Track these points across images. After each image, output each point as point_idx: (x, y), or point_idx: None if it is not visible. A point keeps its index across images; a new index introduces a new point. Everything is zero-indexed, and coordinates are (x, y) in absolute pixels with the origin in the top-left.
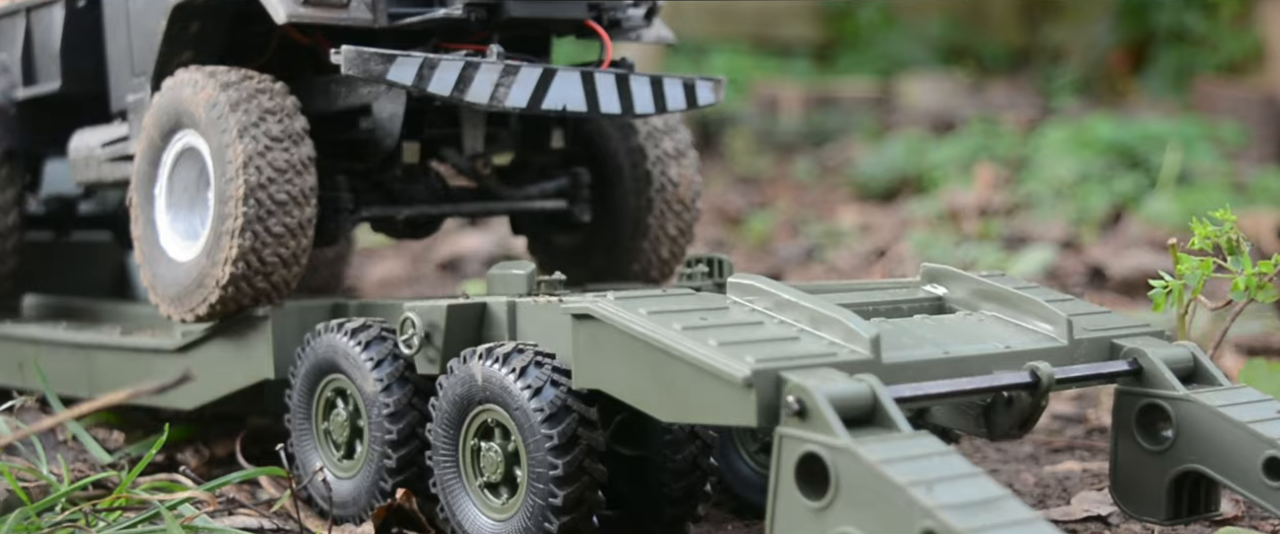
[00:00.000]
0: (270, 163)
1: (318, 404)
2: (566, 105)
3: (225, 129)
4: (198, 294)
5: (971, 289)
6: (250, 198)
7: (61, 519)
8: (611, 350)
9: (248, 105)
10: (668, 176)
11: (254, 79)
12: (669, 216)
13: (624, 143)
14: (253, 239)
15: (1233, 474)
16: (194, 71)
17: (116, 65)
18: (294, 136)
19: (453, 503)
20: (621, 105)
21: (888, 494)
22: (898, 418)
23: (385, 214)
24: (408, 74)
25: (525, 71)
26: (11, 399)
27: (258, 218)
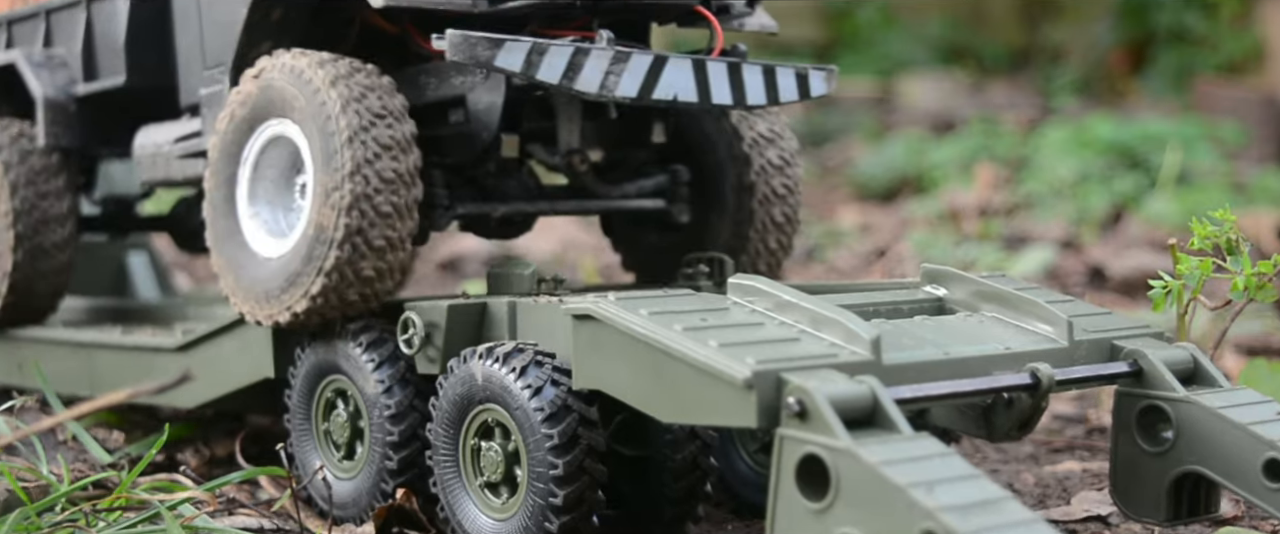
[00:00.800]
0: (378, 172)
1: (318, 405)
2: (677, 95)
3: (332, 129)
4: (285, 298)
5: (971, 290)
6: (354, 208)
7: (61, 519)
8: (612, 351)
9: (359, 105)
10: (771, 186)
11: (363, 71)
12: (769, 230)
13: (724, 142)
14: (352, 251)
15: (1233, 476)
16: (289, 57)
17: (186, 57)
18: (403, 144)
19: (453, 503)
20: (733, 96)
21: (888, 495)
22: (898, 419)
23: (480, 212)
24: (516, 60)
25: (636, 59)
26: (11, 399)
27: (360, 229)
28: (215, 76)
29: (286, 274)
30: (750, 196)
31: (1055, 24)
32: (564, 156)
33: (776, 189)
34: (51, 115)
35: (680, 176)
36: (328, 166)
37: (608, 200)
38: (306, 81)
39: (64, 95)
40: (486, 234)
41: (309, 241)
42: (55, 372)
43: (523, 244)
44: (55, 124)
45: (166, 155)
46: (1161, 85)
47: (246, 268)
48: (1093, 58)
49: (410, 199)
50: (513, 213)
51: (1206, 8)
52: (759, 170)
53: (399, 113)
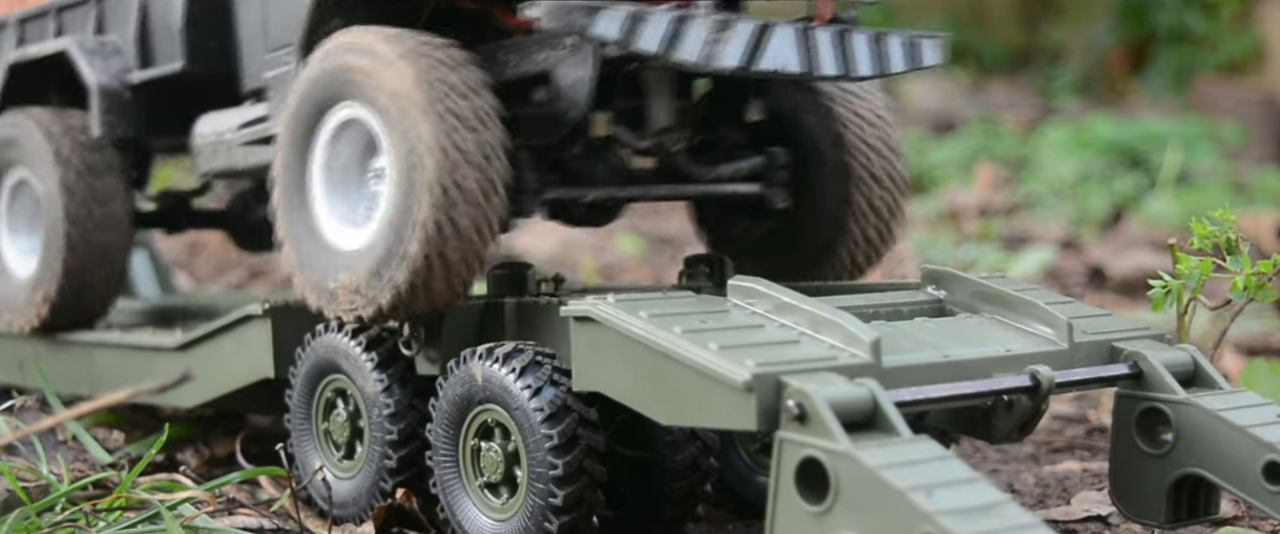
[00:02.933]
0: (460, 148)
1: (318, 404)
2: (782, 66)
3: (407, 106)
4: (368, 291)
5: (972, 291)
6: (438, 187)
7: (61, 519)
8: (612, 353)
9: (434, 78)
10: (871, 171)
11: (435, 43)
12: (869, 218)
13: (821, 118)
14: (438, 234)
15: (1232, 478)
16: (356, 34)
17: (249, 40)
18: (484, 118)
19: (453, 503)
20: (840, 66)
21: (887, 499)
22: (898, 422)
23: (569, 196)
24: (614, 28)
25: (740, 25)
26: (11, 399)
27: (445, 210)
28: (281, 58)
29: (368, 266)
30: (847, 181)
31: (1055, 24)
32: (655, 136)
33: (877, 174)
34: (106, 104)
35: (777, 159)
36: (405, 147)
37: (702, 184)
38: (377, 57)
39: (118, 83)
40: (572, 221)
41: (391, 229)
42: (55, 371)
43: (523, 244)
44: (110, 113)
45: (229, 143)
46: (1161, 85)
47: (322, 261)
48: (1093, 58)
49: (496, 176)
50: (604, 198)
51: (1206, 8)
52: (857, 153)
53: (478, 86)
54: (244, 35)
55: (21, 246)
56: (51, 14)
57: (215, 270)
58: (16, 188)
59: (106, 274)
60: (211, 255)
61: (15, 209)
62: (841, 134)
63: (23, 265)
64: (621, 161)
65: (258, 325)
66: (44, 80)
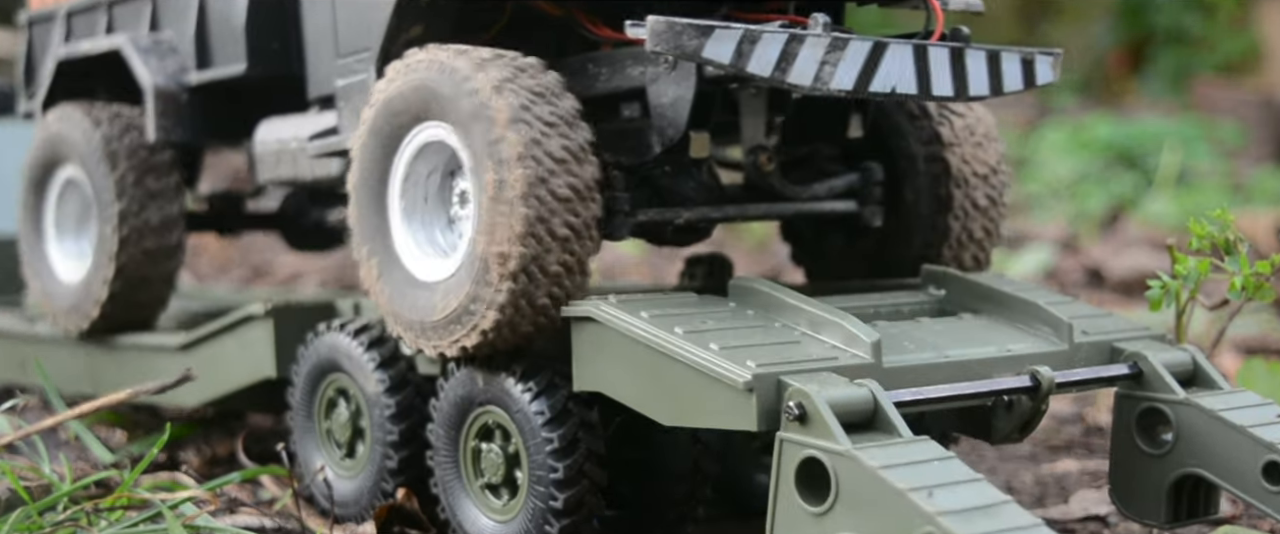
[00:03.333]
0: (553, 191)
1: (320, 404)
2: (896, 87)
3: (498, 146)
4: (452, 331)
5: (972, 291)
6: (528, 235)
7: (63, 518)
8: (612, 354)
9: (527, 115)
10: (971, 197)
11: (529, 71)
12: (974, 217)
13: (916, 131)
14: (527, 281)
15: (1232, 478)
16: (444, 54)
17: (316, 44)
18: (579, 154)
19: (453, 503)
20: (954, 87)
21: (888, 499)
22: (898, 423)
23: (662, 218)
24: (726, 50)
25: (854, 45)
26: (13, 398)
27: (535, 257)
28: (353, 65)
29: (452, 307)
30: (946, 207)
31: (1054, 24)
32: (749, 154)
33: (977, 200)
34: (162, 107)
35: (873, 175)
36: (495, 187)
37: (797, 202)
38: (465, 83)
39: (175, 84)
40: (662, 241)
41: (477, 272)
42: (57, 370)
43: None
44: (165, 117)
45: (294, 153)
46: (1160, 85)
47: (404, 292)
48: (1092, 58)
49: (590, 217)
50: (697, 219)
51: (1205, 8)
52: (958, 176)
53: (572, 117)
54: (311, 38)
55: (69, 248)
56: (102, 8)
57: (216, 271)
58: (65, 187)
59: (160, 276)
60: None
61: (63, 209)
62: (943, 155)
63: (72, 267)
64: (712, 179)
65: (259, 325)
66: (93, 77)
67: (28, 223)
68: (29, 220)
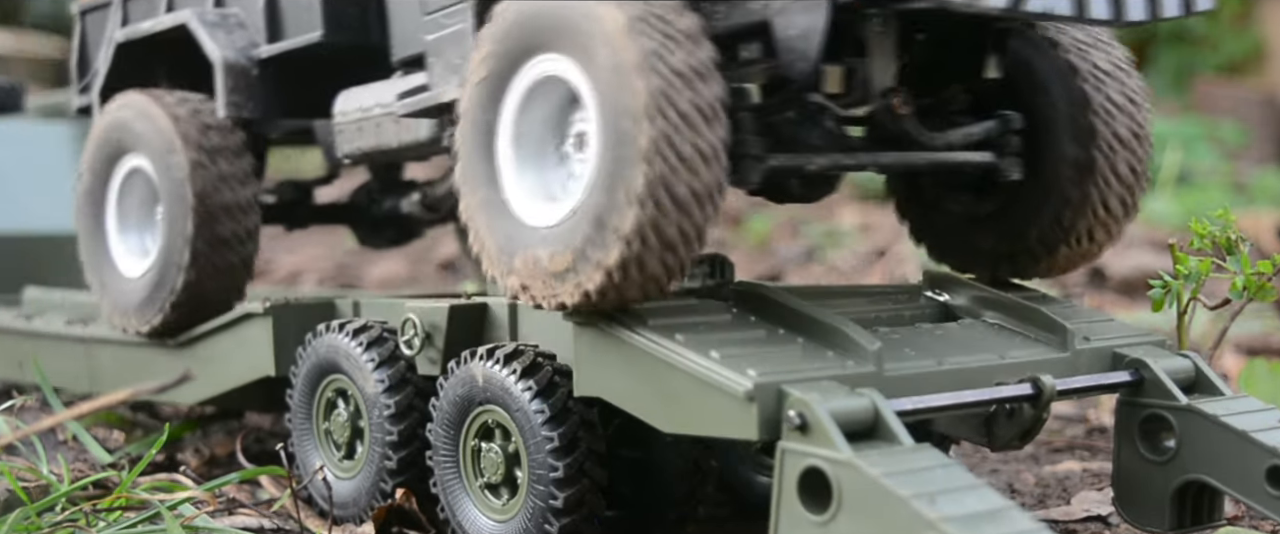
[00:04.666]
0: (677, 107)
1: (319, 404)
2: (1051, 8)
3: (618, 59)
4: (575, 274)
5: (973, 296)
6: (655, 154)
7: (62, 519)
8: (614, 360)
9: (646, 25)
10: (1114, 130)
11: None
12: (1112, 186)
13: (1060, 74)
14: (655, 208)
15: (1236, 483)
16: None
17: (400, 3)
18: (704, 71)
19: (453, 503)
20: (1111, 10)
21: (890, 507)
22: (899, 431)
23: (794, 164)
24: None
25: None
26: (12, 398)
27: (663, 179)
28: (442, 20)
29: (572, 244)
30: (1087, 172)
31: None
32: (879, 98)
33: (1121, 134)
34: (232, 82)
35: (1011, 123)
36: (616, 105)
37: (933, 152)
38: (593, 20)
39: (245, 58)
40: (785, 197)
41: (600, 202)
42: (55, 368)
43: None
44: (236, 92)
45: (377, 119)
46: (1162, 85)
47: (517, 241)
48: None
49: (717, 139)
50: (829, 166)
51: None
52: (1100, 111)
53: (694, 34)
54: (395, 1)
55: (132, 243)
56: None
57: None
58: (128, 178)
59: (235, 269)
60: None
61: (126, 201)
62: (1086, 93)
63: (136, 263)
64: (837, 127)
65: (258, 323)
66: (154, 60)
67: (87, 218)
68: (88, 215)
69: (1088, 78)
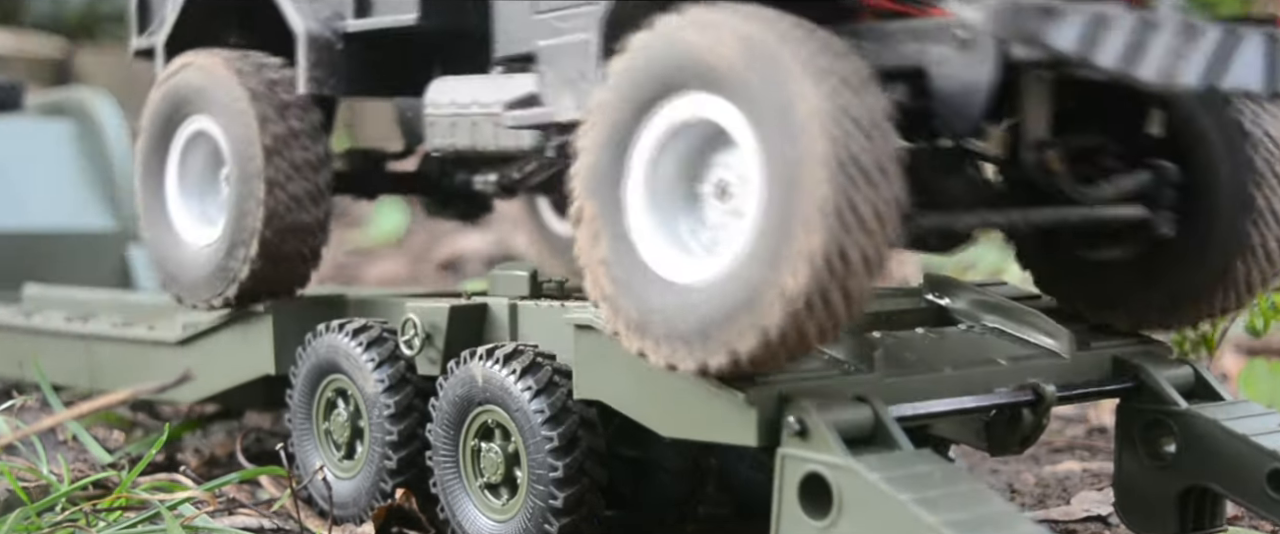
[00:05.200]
0: (859, 162)
1: (318, 404)
2: (1246, 84)
3: (792, 104)
4: (724, 335)
5: (973, 299)
6: (837, 215)
7: (61, 519)
8: (613, 363)
9: (826, 71)
10: (1275, 171)
11: (809, 26)
12: (1273, 226)
13: (1222, 138)
14: (827, 273)
15: (1237, 488)
16: (705, 10)
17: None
18: (882, 125)
19: (453, 503)
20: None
21: (891, 512)
22: (899, 436)
23: (943, 224)
24: (1072, 36)
25: (1208, 35)
26: (12, 398)
27: (840, 247)
28: (556, 23)
29: (722, 306)
30: (1247, 212)
31: None
32: (1033, 151)
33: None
34: (315, 56)
35: (1168, 176)
36: (784, 154)
37: (1087, 207)
38: (745, 39)
39: (330, 31)
40: (921, 248)
41: (759, 259)
42: (55, 365)
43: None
44: (318, 67)
45: (475, 118)
46: None
47: (647, 297)
48: None
49: (893, 196)
50: (977, 224)
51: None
52: (1264, 182)
53: (869, 80)
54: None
55: (195, 210)
56: None
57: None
58: (192, 141)
59: (308, 240)
60: None
61: (188, 166)
62: (1246, 152)
63: (201, 232)
64: (981, 176)
65: (259, 322)
66: (224, 19)
67: (146, 181)
68: (147, 178)
69: (1257, 145)
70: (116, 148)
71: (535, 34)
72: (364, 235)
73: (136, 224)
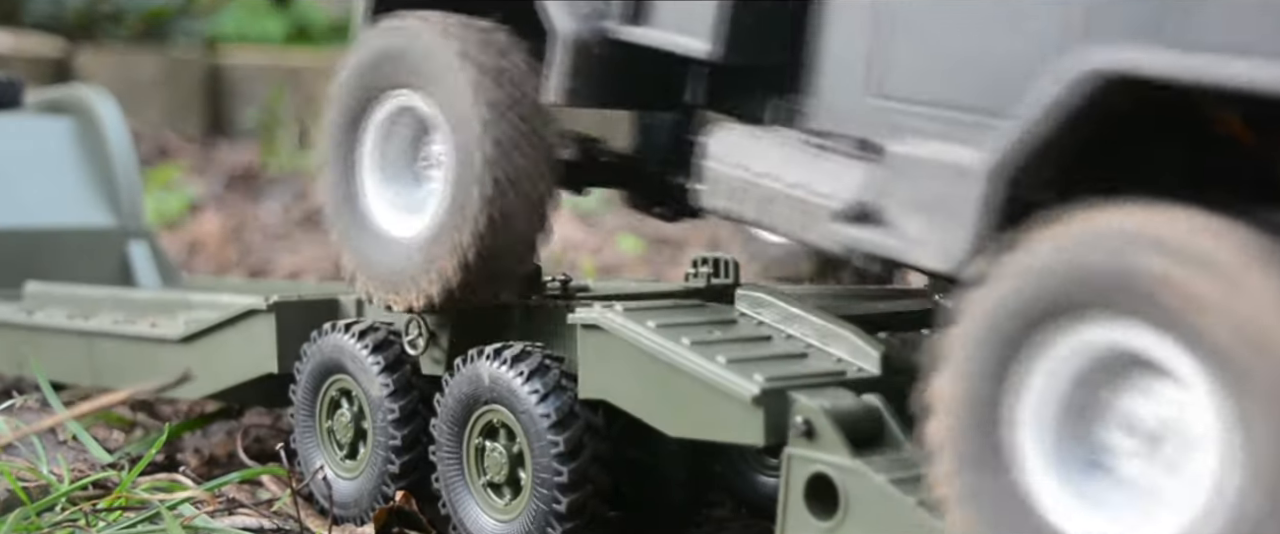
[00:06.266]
0: None
1: (321, 403)
2: None
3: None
4: None
5: None
6: None
7: (61, 519)
8: (619, 363)
9: None
10: None
11: None
12: None
13: None
14: None
15: None
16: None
17: (837, 56)
18: None
19: (455, 501)
20: None
21: (897, 513)
22: (905, 437)
23: None
24: None
25: None
26: (11, 398)
27: None
28: (916, 122)
29: None
30: None
31: None
32: None
33: None
34: (572, 62)
35: None
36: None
37: None
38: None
39: (593, 35)
40: None
41: None
42: (56, 362)
43: None
44: (575, 75)
45: (772, 196)
46: None
47: None
48: None
49: None
50: None
51: None
52: None
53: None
54: (832, 44)
55: (395, 199)
56: None
57: (215, 270)
58: (394, 118)
59: (530, 234)
60: (211, 255)
61: (389, 147)
62: None
63: (404, 223)
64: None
65: (262, 320)
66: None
67: (337, 161)
68: (338, 158)
69: None
70: (117, 145)
71: (877, 124)
72: None
73: (136, 221)
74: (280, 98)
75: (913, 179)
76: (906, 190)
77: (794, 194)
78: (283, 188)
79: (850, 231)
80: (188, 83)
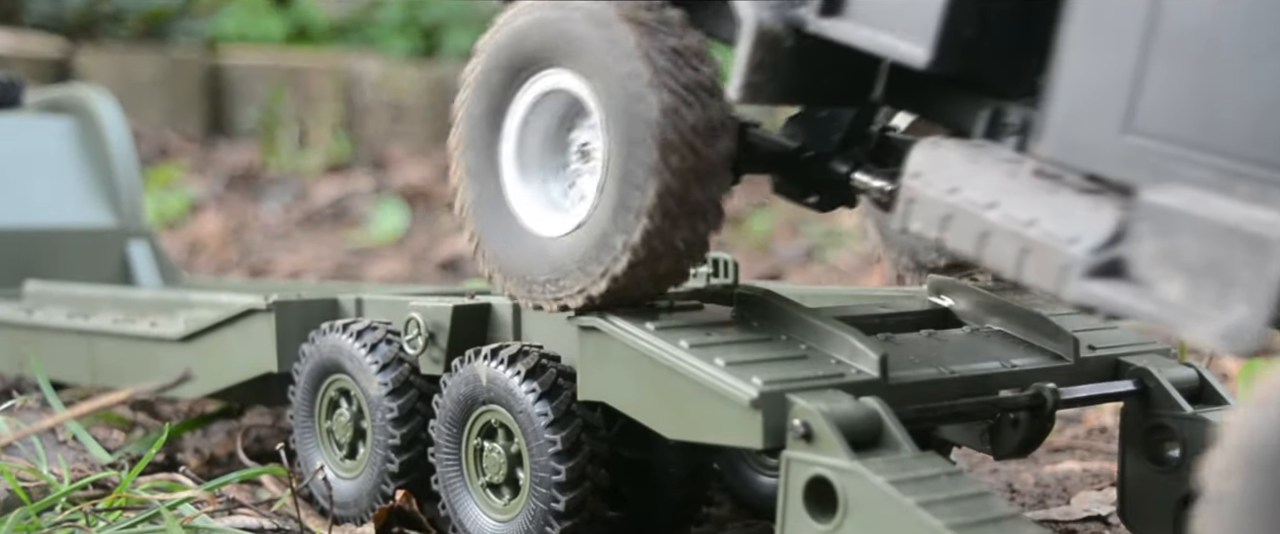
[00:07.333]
0: None
1: (321, 403)
2: None
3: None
4: None
5: (977, 302)
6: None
7: (61, 519)
8: (618, 364)
9: None
10: None
11: None
12: None
13: None
14: None
15: None
16: None
17: (1078, 82)
18: None
19: (454, 501)
20: None
21: (896, 515)
22: (904, 439)
23: None
24: None
25: None
26: (11, 398)
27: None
28: (1175, 164)
29: None
30: None
31: None
32: None
33: None
34: (760, 57)
35: None
36: None
37: None
38: None
39: (783, 25)
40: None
41: None
42: (56, 361)
43: None
44: (760, 71)
45: (989, 231)
46: None
47: None
48: None
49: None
50: None
51: None
52: None
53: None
54: (1071, 67)
55: (538, 191)
56: None
57: (216, 270)
58: (541, 101)
59: (701, 232)
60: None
61: (531, 134)
62: None
63: (550, 219)
64: None
65: (261, 319)
66: None
67: (475, 149)
68: (478, 145)
69: None
70: (117, 145)
71: (1124, 161)
72: (364, 235)
73: (136, 221)
74: (280, 98)
75: (1176, 235)
76: (1164, 247)
77: (1024, 232)
78: (283, 188)
79: (1093, 287)
80: (188, 83)
